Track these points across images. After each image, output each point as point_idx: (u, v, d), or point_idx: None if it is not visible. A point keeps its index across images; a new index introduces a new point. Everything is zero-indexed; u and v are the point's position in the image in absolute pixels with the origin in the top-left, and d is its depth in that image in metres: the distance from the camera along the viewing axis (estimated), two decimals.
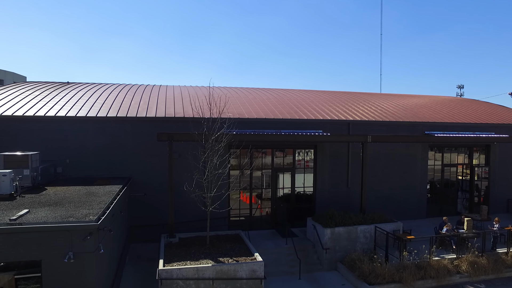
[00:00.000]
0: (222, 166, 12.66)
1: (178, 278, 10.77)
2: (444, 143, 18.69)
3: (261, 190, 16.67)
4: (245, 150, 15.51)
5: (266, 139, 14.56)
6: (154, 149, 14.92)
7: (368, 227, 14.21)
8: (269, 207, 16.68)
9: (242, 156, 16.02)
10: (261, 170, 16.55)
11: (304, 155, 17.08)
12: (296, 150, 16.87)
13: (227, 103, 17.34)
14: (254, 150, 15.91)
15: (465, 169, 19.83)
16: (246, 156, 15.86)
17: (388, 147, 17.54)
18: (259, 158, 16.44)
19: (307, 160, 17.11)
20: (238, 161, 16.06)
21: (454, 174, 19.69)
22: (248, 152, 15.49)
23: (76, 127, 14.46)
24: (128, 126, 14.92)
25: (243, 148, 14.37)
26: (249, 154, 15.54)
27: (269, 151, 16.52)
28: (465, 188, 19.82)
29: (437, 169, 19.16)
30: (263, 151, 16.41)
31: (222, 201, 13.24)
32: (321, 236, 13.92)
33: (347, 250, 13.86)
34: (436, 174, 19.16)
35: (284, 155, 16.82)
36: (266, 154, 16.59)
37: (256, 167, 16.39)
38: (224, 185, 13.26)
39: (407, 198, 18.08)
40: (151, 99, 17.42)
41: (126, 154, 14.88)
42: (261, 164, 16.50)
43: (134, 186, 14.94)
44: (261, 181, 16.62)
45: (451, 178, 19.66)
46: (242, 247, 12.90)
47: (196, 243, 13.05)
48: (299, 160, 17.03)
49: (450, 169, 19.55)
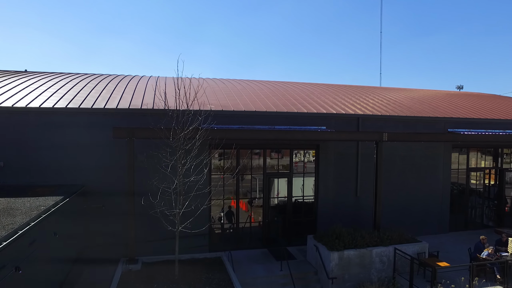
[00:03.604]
0: (197, 172, 9.58)
1: None
2: (471, 143, 15.64)
3: (250, 200, 13.56)
4: (231, 151, 12.43)
5: (256, 136, 11.46)
6: (116, 150, 11.80)
7: (385, 249, 11.13)
8: (261, 220, 13.56)
9: (227, 158, 12.94)
10: (251, 175, 13.44)
11: (303, 156, 13.99)
12: (294, 152, 13.78)
13: (207, 92, 14.30)
14: (242, 149, 12.80)
15: (492, 174, 16.82)
16: (231, 158, 12.78)
17: (405, 148, 14.49)
18: (248, 160, 13.34)
19: (307, 162, 14.03)
20: (221, 164, 12.96)
21: (479, 180, 16.68)
22: (232, 152, 12.34)
23: (13, 121, 11.31)
24: (82, 120, 11.77)
25: (227, 147, 11.31)
26: (234, 154, 12.37)
27: (260, 152, 13.43)
28: (491, 195, 16.81)
29: (461, 173, 16.13)
30: (253, 151, 13.30)
31: (198, 217, 10.14)
32: (326, 261, 10.83)
33: (359, 280, 10.79)
34: (460, 179, 16.13)
35: (279, 156, 13.72)
36: (257, 156, 13.50)
37: (244, 172, 13.29)
38: (201, 196, 10.16)
39: (427, 209, 15.03)
40: (117, 89, 14.29)
41: (80, 156, 11.73)
42: (250, 167, 13.40)
43: (90, 195, 11.80)
44: (251, 189, 13.52)
45: (477, 185, 16.64)
46: (223, 278, 9.78)
47: (162, 272, 9.94)
48: (297, 162, 13.95)
49: (476, 174, 16.53)
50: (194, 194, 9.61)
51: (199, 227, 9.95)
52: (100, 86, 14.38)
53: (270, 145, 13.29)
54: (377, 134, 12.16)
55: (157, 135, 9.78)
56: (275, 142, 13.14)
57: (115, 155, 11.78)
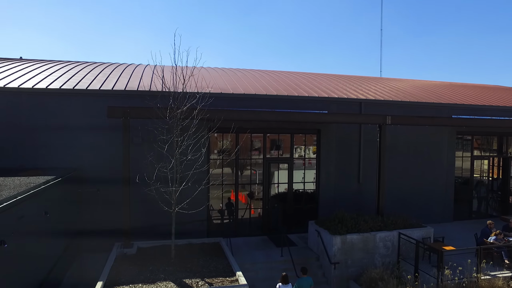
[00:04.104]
0: (194, 150, 9.21)
1: None
2: (476, 129, 15.26)
3: (250, 188, 13.20)
4: (229, 135, 12.09)
5: (256, 117, 11.09)
6: (111, 132, 11.46)
7: (389, 233, 10.77)
8: (260, 207, 13.20)
9: (226, 141, 12.60)
10: (250, 160, 13.09)
11: (303, 151, 13.59)
12: (294, 148, 13.42)
13: (206, 77, 14.01)
14: (242, 133, 12.45)
15: (495, 166, 16.47)
16: (230, 141, 12.44)
17: (408, 135, 14.15)
18: (248, 145, 12.99)
19: (309, 159, 13.68)
20: (220, 148, 12.62)
21: (484, 171, 16.32)
22: (231, 134, 11.92)
23: (5, 102, 10.96)
24: (76, 102, 11.42)
25: (226, 131, 10.95)
26: (233, 135, 11.91)
27: (259, 138, 13.08)
28: (494, 188, 16.44)
29: (465, 162, 15.77)
30: (252, 135, 12.95)
31: (196, 198, 9.76)
32: (328, 246, 10.47)
33: (362, 265, 10.42)
34: (464, 168, 15.77)
35: (279, 142, 13.37)
36: (257, 142, 13.15)
37: (244, 156, 12.95)
38: (198, 175, 9.80)
39: (431, 198, 14.66)
40: (114, 73, 13.96)
41: (74, 139, 11.38)
42: (250, 153, 13.05)
43: (85, 179, 11.45)
44: (250, 181, 13.16)
45: (481, 175, 16.29)
46: (221, 261, 9.41)
47: (158, 255, 9.57)
48: (298, 149, 13.60)
49: (481, 162, 16.18)
50: (191, 173, 9.23)
51: (196, 207, 9.56)
52: (97, 71, 14.04)
53: (270, 130, 12.94)
54: (380, 117, 11.81)
55: (153, 114, 9.43)
56: (275, 127, 12.80)
57: (110, 139, 11.44)
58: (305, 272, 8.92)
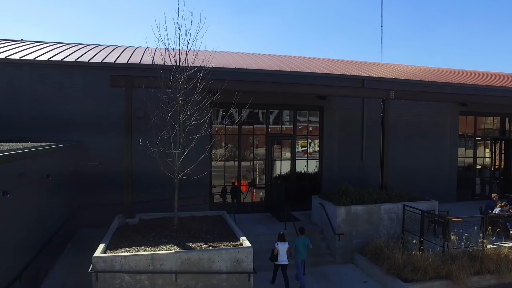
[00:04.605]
0: (197, 116, 9.10)
1: (123, 271, 7.15)
2: (478, 111, 15.20)
3: (251, 181, 13.10)
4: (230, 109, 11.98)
5: (258, 89, 10.96)
6: (113, 106, 11.38)
7: (394, 205, 10.68)
8: (262, 196, 13.11)
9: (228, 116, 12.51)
10: (252, 136, 13.00)
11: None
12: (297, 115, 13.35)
13: (207, 55, 13.89)
14: (244, 108, 12.36)
15: (497, 150, 16.42)
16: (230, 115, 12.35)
17: (411, 114, 14.09)
18: (250, 122, 12.92)
19: (311, 129, 13.60)
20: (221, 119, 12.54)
21: (484, 156, 16.26)
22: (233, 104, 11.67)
23: (6, 74, 10.86)
24: (78, 75, 11.34)
25: (227, 106, 10.78)
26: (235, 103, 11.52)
27: (262, 114, 13.00)
28: (496, 175, 16.38)
29: (468, 142, 15.70)
30: (254, 111, 12.87)
31: (199, 166, 9.66)
32: (332, 217, 10.37)
33: (367, 236, 10.33)
34: (467, 149, 15.71)
35: (282, 119, 13.29)
36: (258, 118, 13.07)
37: (247, 132, 12.88)
38: (202, 146, 9.71)
39: (434, 177, 14.57)
40: (116, 50, 13.88)
41: (76, 112, 11.30)
42: (252, 129, 12.97)
43: (86, 153, 11.36)
44: (253, 150, 13.07)
45: (484, 161, 16.23)
46: (224, 229, 9.32)
47: (161, 225, 9.45)
48: (300, 127, 13.52)
49: (484, 143, 16.12)
50: (194, 140, 9.11)
51: (199, 173, 9.44)
52: (99, 49, 13.96)
53: (272, 105, 12.85)
54: (383, 92, 11.74)
55: (157, 82, 9.31)
56: (278, 103, 12.71)
57: (112, 112, 11.38)
58: (302, 232, 9.12)
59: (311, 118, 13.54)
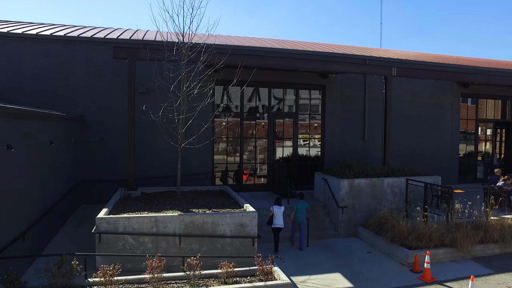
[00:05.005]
0: (200, 89, 9.07)
1: (127, 233, 7.12)
2: (480, 93, 15.19)
3: (253, 169, 13.09)
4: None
5: (260, 63, 10.86)
6: (115, 82, 11.36)
7: (397, 179, 10.67)
8: (264, 181, 13.10)
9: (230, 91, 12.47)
10: (255, 113, 12.97)
11: (309, 97, 13.51)
12: (299, 94, 13.34)
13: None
14: (247, 87, 12.32)
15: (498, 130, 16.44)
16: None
17: (413, 94, 14.08)
18: (252, 99, 12.92)
19: (313, 106, 13.59)
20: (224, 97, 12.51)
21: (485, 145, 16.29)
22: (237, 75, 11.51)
23: (8, 47, 10.82)
24: (81, 50, 11.30)
25: (228, 83, 10.75)
26: (238, 79, 11.38)
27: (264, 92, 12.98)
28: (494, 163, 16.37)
29: (470, 125, 15.71)
30: (257, 89, 12.86)
31: (202, 136, 9.63)
32: (336, 190, 10.35)
33: (370, 210, 10.29)
34: (468, 131, 15.71)
35: (284, 96, 13.28)
36: (260, 96, 13.05)
37: (249, 112, 12.86)
38: (205, 117, 9.69)
39: (436, 159, 14.54)
40: (118, 30, 13.84)
41: (78, 88, 11.27)
42: (255, 105, 12.96)
43: (88, 128, 11.34)
44: (254, 126, 13.03)
45: (486, 139, 16.25)
46: (228, 200, 9.32)
47: (163, 196, 9.40)
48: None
49: (486, 125, 16.13)
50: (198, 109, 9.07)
51: (202, 142, 9.43)
52: (101, 29, 13.91)
53: (275, 84, 12.84)
54: (386, 68, 11.76)
55: (160, 55, 9.28)
56: (280, 81, 12.70)
57: (115, 88, 11.36)
58: (302, 197, 9.49)
59: (313, 96, 13.53)
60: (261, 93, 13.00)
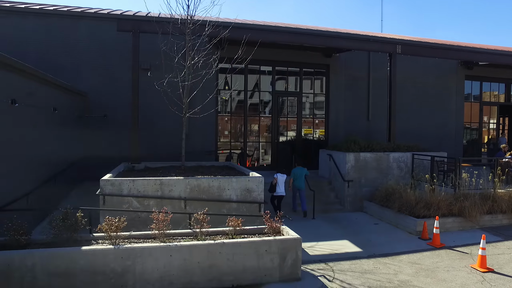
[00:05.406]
0: (205, 66, 8.97)
1: (131, 195, 7.02)
2: (484, 75, 15.11)
3: (258, 151, 12.98)
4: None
5: (264, 37, 10.72)
6: (118, 58, 11.27)
7: (403, 154, 10.58)
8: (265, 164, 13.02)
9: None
10: (259, 92, 12.87)
11: (313, 77, 13.44)
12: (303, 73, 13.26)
13: None
14: (250, 65, 12.23)
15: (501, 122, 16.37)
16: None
17: (417, 75, 14.02)
18: (256, 78, 12.84)
19: (317, 85, 13.51)
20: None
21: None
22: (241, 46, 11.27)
23: (10, 22, 10.73)
24: (84, 27, 11.22)
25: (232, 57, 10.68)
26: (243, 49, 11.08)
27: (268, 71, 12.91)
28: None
29: (474, 108, 15.63)
30: (260, 68, 12.78)
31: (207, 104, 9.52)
32: (341, 164, 10.25)
33: (376, 185, 10.20)
34: (473, 115, 15.63)
35: (288, 75, 13.19)
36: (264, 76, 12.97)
37: (253, 90, 12.77)
38: (209, 87, 9.60)
39: (441, 140, 14.43)
40: (121, 9, 13.78)
41: (81, 64, 11.18)
42: (259, 85, 12.87)
43: (91, 105, 11.26)
44: (258, 105, 12.95)
45: (490, 121, 16.19)
46: (233, 171, 9.19)
47: (168, 169, 9.29)
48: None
49: (489, 108, 16.05)
50: (203, 83, 8.99)
51: (207, 110, 9.35)
52: (107, 9, 13.86)
53: (279, 63, 12.76)
54: (390, 46, 11.69)
55: (164, 28, 9.18)
56: (284, 60, 12.63)
57: (118, 64, 11.27)
58: (300, 163, 9.70)
59: (317, 76, 13.45)
60: (265, 72, 12.93)
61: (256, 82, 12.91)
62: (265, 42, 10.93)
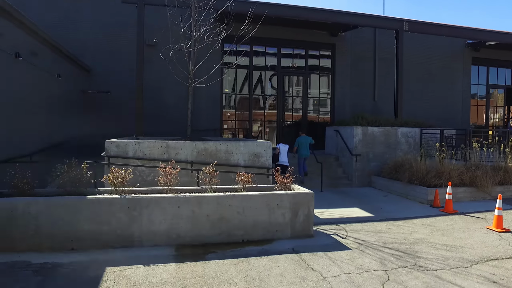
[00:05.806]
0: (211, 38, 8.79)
1: (137, 158, 6.86)
2: (491, 58, 14.92)
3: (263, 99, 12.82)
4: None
5: (270, 11, 10.50)
6: (123, 35, 11.12)
7: (411, 129, 10.40)
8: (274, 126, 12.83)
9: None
10: (264, 71, 12.68)
11: (319, 56, 13.26)
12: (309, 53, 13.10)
13: None
14: (256, 45, 12.09)
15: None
16: None
17: (423, 56, 13.86)
18: (261, 56, 12.68)
19: (323, 65, 13.34)
20: None
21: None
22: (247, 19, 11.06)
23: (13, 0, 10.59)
24: (88, 4, 11.10)
25: (237, 41, 10.53)
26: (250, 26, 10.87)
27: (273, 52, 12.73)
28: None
29: (481, 92, 15.46)
30: (266, 49, 12.62)
31: (213, 75, 9.34)
32: (349, 139, 10.07)
33: (384, 160, 10.01)
34: (479, 99, 15.46)
35: (294, 55, 13.03)
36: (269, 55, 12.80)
37: (258, 69, 12.62)
38: (214, 59, 9.42)
39: (447, 120, 14.22)
40: None
41: (85, 39, 11.02)
42: (264, 63, 12.70)
43: (95, 80, 11.11)
44: (263, 85, 12.77)
45: (497, 104, 16.01)
46: None
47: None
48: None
49: (496, 91, 15.87)
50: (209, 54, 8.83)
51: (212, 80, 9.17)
52: None
53: (285, 42, 12.59)
54: (397, 22, 11.54)
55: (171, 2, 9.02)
56: (289, 39, 12.46)
57: (122, 41, 11.12)
58: (303, 133, 9.81)
59: (322, 55, 13.28)
60: (270, 51, 12.77)
61: (261, 61, 12.73)
62: (270, 16, 10.76)
